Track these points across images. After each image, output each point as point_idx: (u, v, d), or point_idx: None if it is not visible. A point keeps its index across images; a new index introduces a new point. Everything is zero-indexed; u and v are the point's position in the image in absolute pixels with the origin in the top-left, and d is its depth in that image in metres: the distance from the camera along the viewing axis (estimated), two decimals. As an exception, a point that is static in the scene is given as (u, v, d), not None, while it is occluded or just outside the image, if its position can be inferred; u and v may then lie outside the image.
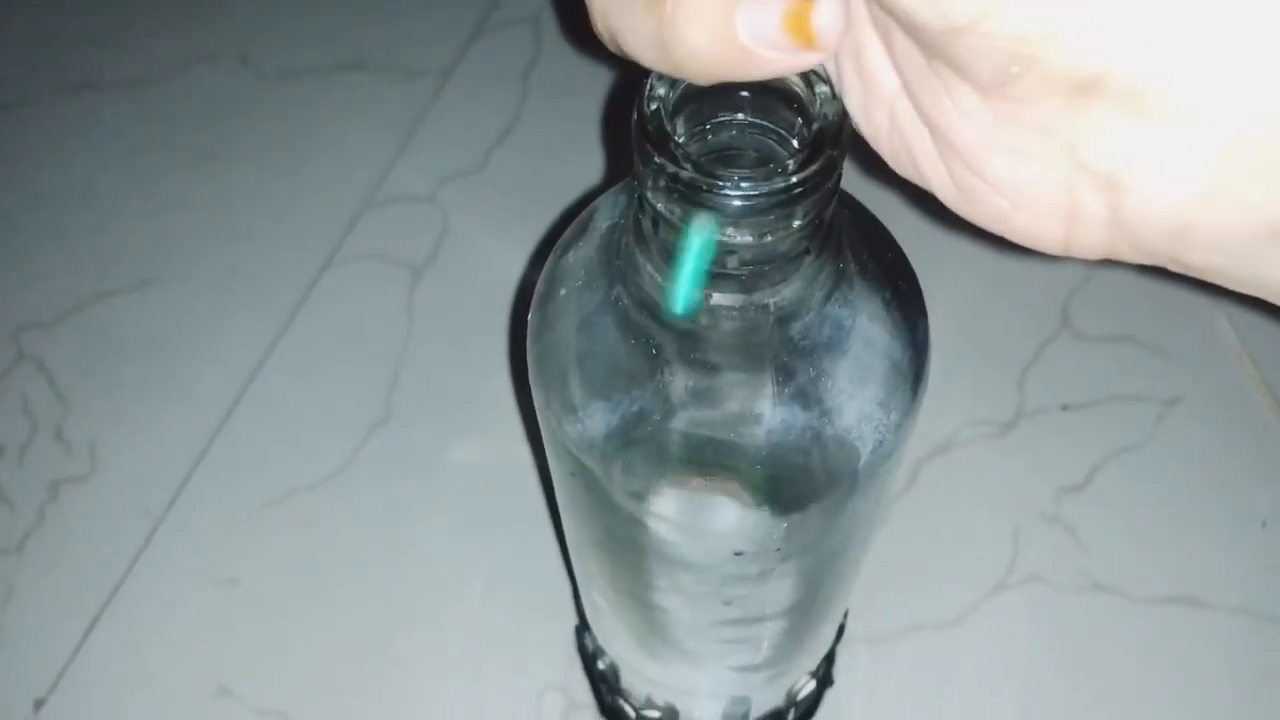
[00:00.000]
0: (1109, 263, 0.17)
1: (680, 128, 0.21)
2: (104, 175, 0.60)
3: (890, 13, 0.16)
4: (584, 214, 0.26)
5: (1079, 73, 0.14)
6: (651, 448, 0.24)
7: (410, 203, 0.59)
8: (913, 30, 0.16)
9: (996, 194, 0.17)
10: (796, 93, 0.20)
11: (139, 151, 0.61)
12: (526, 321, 0.27)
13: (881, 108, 0.19)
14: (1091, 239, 0.17)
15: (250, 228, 0.58)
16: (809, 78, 0.20)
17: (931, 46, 0.16)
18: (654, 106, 0.20)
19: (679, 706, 0.40)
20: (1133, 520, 0.50)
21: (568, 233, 0.26)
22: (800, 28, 0.16)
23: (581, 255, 0.25)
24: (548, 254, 0.27)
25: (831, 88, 0.20)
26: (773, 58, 0.17)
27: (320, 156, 0.61)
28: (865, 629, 0.47)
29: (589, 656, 0.44)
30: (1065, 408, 0.53)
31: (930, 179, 0.19)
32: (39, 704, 0.46)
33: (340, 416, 0.53)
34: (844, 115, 0.20)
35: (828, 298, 0.23)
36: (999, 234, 0.18)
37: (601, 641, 0.39)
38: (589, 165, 0.59)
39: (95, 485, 0.51)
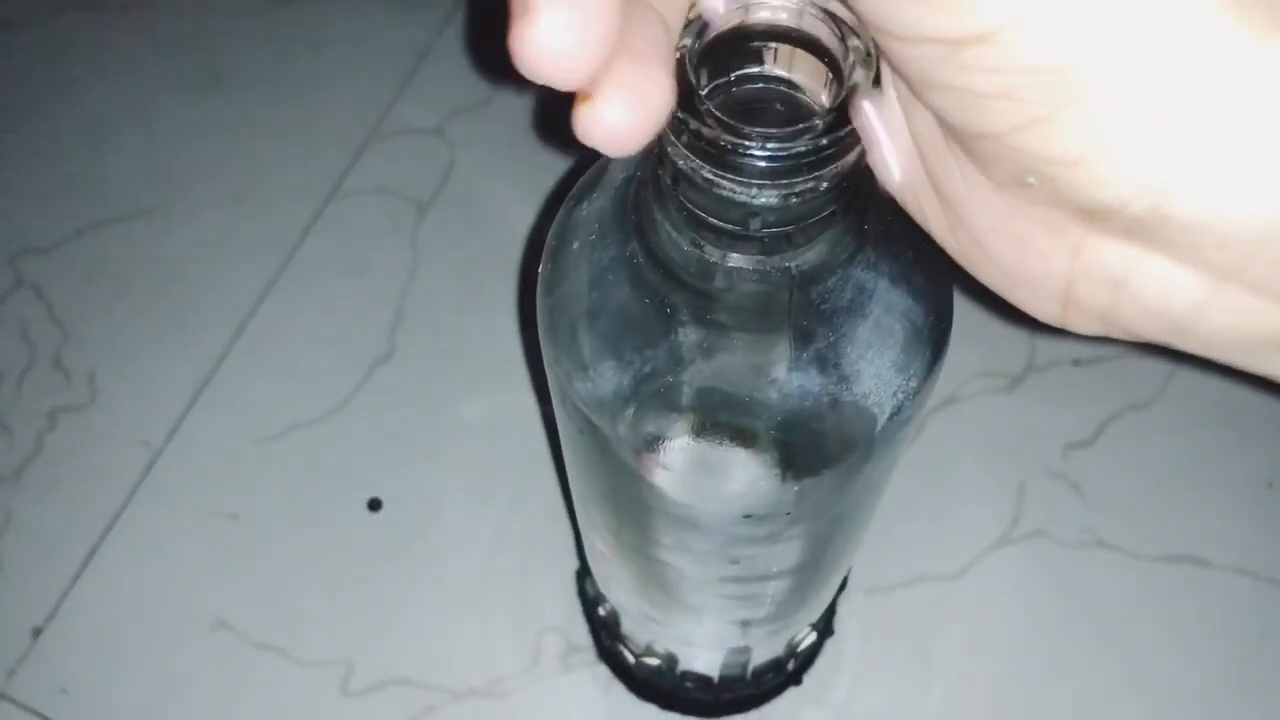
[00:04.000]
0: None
1: (704, 79, 0.20)
2: (104, 100, 0.59)
3: (922, 103, 0.16)
4: (598, 164, 0.25)
5: (1092, 203, 0.15)
6: (662, 408, 0.23)
7: (416, 135, 0.58)
8: (938, 115, 0.16)
9: (997, 270, 0.17)
10: (828, 47, 0.19)
11: (141, 76, 0.60)
12: (536, 272, 0.26)
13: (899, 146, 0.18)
14: (1087, 323, 0.17)
15: (254, 157, 0.57)
16: (842, 30, 0.19)
17: (953, 134, 0.16)
18: (677, 56, 0.19)
19: (679, 654, 0.40)
20: (1138, 478, 0.50)
21: (581, 183, 0.25)
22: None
23: (595, 208, 0.24)
24: (554, 192, 0.26)
25: (865, 44, 0.19)
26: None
27: (326, 86, 0.59)
28: (867, 580, 0.47)
29: (590, 602, 0.44)
30: (1076, 363, 0.52)
31: (933, 229, 0.19)
32: (37, 632, 0.46)
33: (343, 351, 0.52)
34: (877, 75, 0.19)
35: (850, 260, 0.22)
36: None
37: (603, 589, 0.39)
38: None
39: (94, 414, 0.51)
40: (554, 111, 0.53)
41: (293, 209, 0.56)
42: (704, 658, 0.39)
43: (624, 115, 0.16)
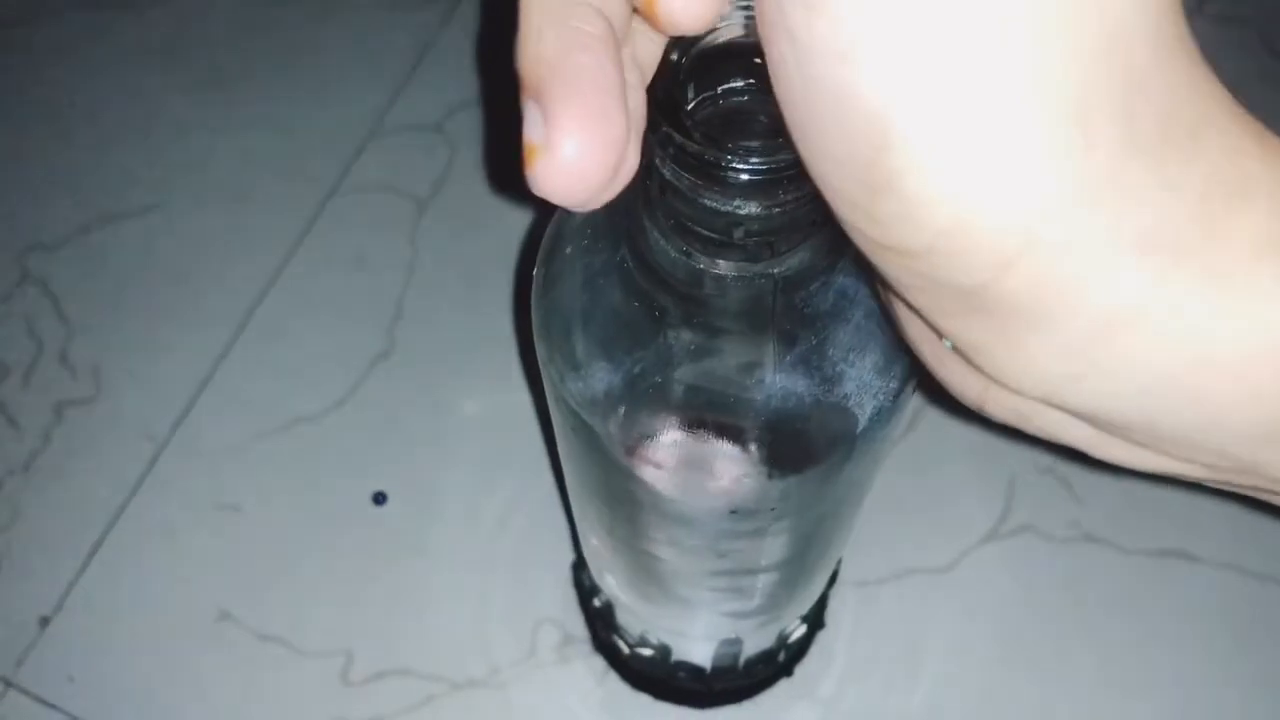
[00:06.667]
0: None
1: (690, 92, 0.21)
2: (109, 97, 0.60)
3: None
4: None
5: (998, 380, 0.16)
6: (651, 407, 0.24)
7: (416, 132, 0.58)
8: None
9: (923, 352, 0.18)
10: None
11: (145, 75, 0.60)
12: (530, 273, 0.27)
13: None
14: (1001, 416, 0.17)
15: (256, 155, 0.58)
16: None
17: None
18: (663, 71, 0.20)
19: (672, 645, 0.40)
20: (1127, 474, 0.50)
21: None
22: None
23: (588, 214, 0.25)
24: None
25: None
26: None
27: (327, 82, 0.60)
28: (857, 573, 0.48)
29: (586, 593, 0.45)
30: (1066, 359, 0.53)
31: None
32: (44, 621, 0.47)
33: (343, 347, 0.53)
34: None
35: (832, 266, 0.23)
36: None
37: (598, 581, 0.40)
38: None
39: (100, 408, 0.52)
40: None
41: (294, 206, 0.56)
42: (697, 649, 0.40)
43: (585, 159, 0.16)
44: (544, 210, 0.26)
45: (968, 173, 0.13)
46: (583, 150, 0.16)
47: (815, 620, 0.45)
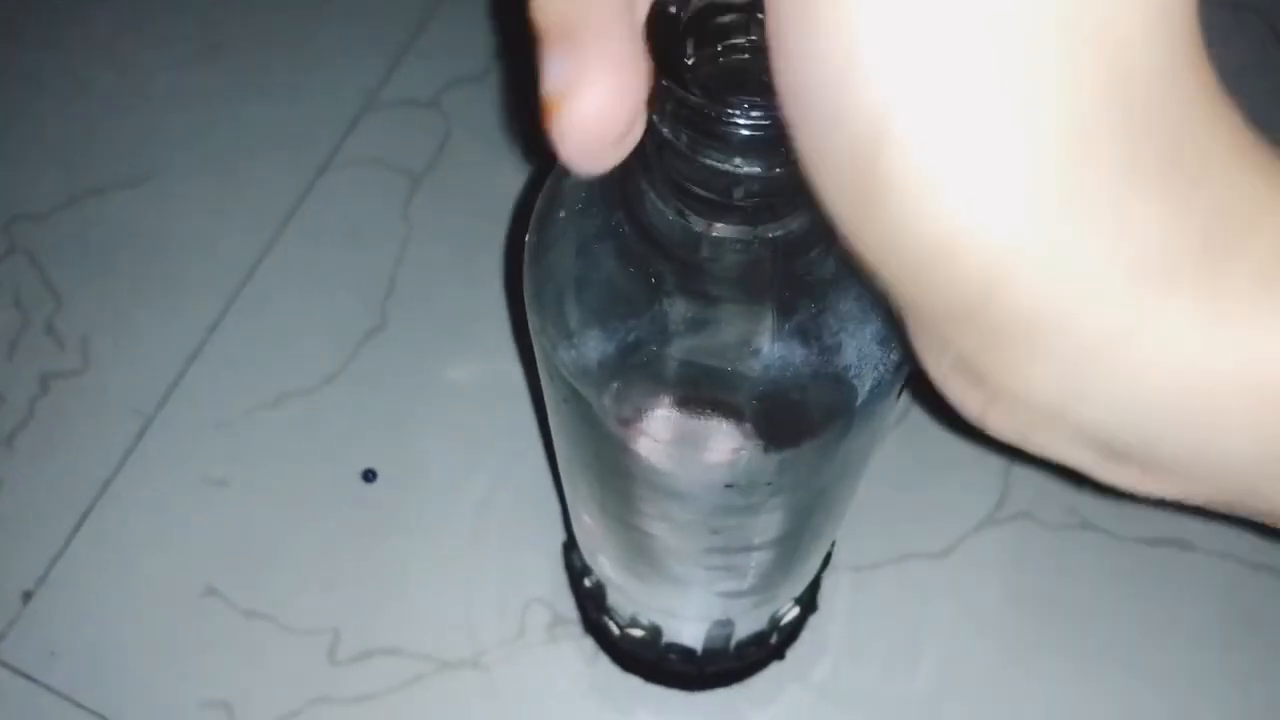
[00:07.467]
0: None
1: (690, 49, 0.20)
2: (98, 68, 0.59)
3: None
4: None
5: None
6: (646, 377, 0.24)
7: (412, 107, 0.57)
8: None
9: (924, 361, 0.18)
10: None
11: (135, 44, 0.59)
12: (523, 241, 0.26)
13: None
14: (1001, 433, 0.17)
15: (248, 127, 0.57)
16: None
17: None
18: (662, 26, 0.19)
19: (664, 626, 0.40)
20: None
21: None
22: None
23: (582, 179, 0.24)
24: (548, 167, 0.26)
25: None
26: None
27: (321, 56, 0.59)
28: (851, 557, 0.47)
29: (576, 573, 0.44)
30: (1065, 345, 0.53)
31: None
32: (27, 596, 0.47)
33: (335, 322, 0.52)
34: None
35: (834, 232, 0.22)
36: None
37: (589, 561, 0.39)
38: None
39: (87, 381, 0.51)
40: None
41: (287, 179, 0.56)
42: (688, 630, 0.39)
43: (610, 106, 0.15)
44: (539, 184, 0.26)
45: (961, 185, 0.13)
46: (608, 97, 0.15)
47: (808, 603, 0.44)
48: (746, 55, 0.21)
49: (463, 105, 0.57)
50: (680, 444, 0.25)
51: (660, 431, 0.24)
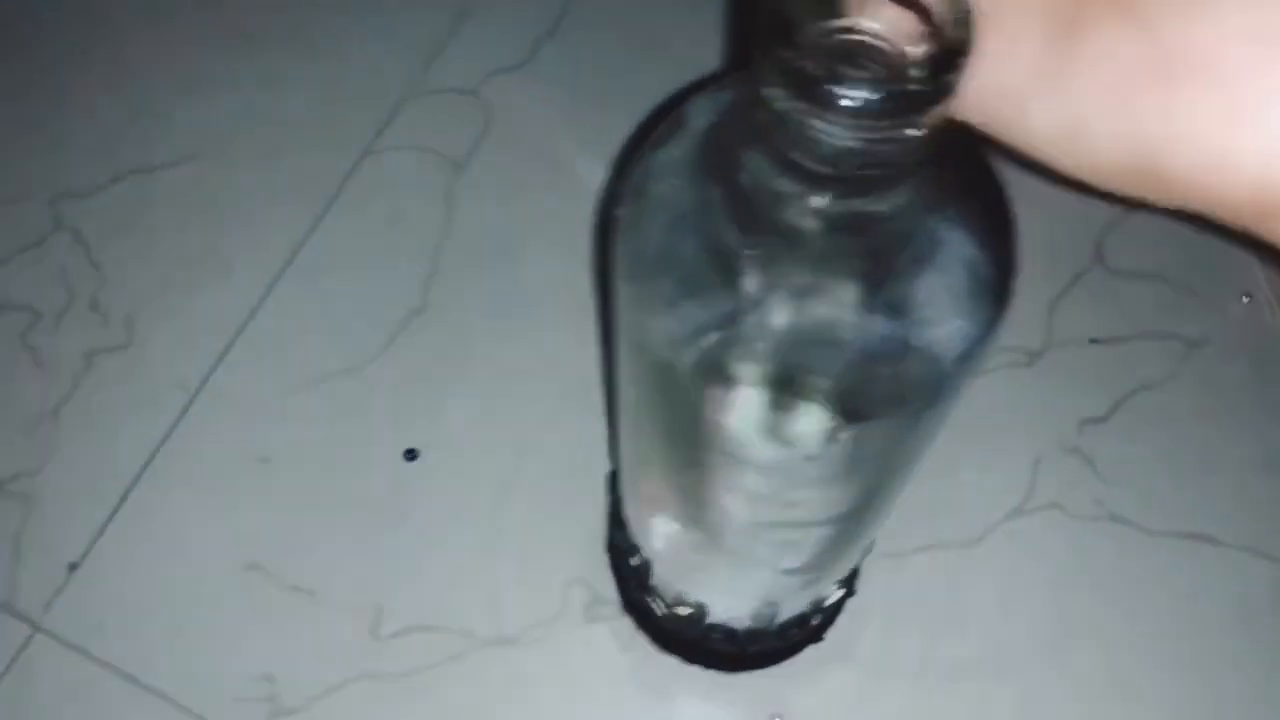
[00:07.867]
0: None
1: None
2: (145, 50, 0.59)
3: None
4: (676, 113, 0.26)
5: None
6: (738, 349, 0.24)
7: (454, 95, 0.58)
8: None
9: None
10: (926, 5, 0.20)
11: (183, 28, 0.60)
12: (594, 223, 0.27)
13: None
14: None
15: (292, 112, 0.58)
16: None
17: None
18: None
19: (709, 605, 0.41)
20: (1152, 455, 0.51)
21: (660, 130, 0.26)
22: None
23: (676, 153, 0.25)
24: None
25: (963, 5, 0.20)
26: None
27: (365, 43, 0.60)
28: (886, 545, 0.48)
29: (621, 552, 0.45)
30: (1093, 341, 0.54)
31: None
32: (73, 567, 0.47)
33: (377, 302, 0.53)
34: (974, 34, 0.20)
35: (929, 208, 0.23)
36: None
37: (638, 539, 0.40)
38: (633, 64, 0.59)
39: (131, 357, 0.52)
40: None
41: (329, 162, 0.56)
42: (736, 609, 0.40)
43: None
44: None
45: None
46: None
47: (848, 587, 0.45)
48: (849, 34, 0.22)
49: (504, 93, 0.58)
50: (767, 415, 0.25)
51: (747, 402, 0.25)
